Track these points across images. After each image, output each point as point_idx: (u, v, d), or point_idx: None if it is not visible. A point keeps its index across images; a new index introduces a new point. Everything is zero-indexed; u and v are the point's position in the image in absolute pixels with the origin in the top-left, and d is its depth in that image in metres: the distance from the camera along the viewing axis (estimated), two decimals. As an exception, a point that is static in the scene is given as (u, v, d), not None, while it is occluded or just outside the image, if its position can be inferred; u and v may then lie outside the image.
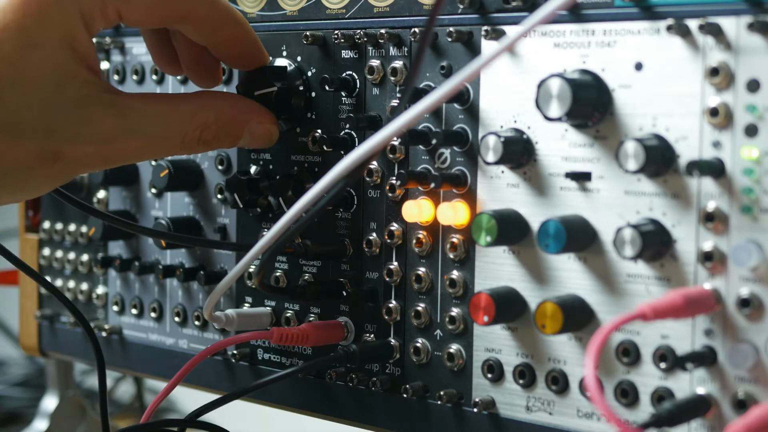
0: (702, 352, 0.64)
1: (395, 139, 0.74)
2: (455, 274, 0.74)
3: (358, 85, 0.78)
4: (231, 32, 0.75)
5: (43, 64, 0.67)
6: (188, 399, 1.37)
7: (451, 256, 0.74)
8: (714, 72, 0.63)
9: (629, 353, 0.67)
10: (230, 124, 0.76)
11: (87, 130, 0.68)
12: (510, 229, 0.70)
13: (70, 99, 0.68)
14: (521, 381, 0.71)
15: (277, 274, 0.83)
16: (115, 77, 0.93)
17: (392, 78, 0.76)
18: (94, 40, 0.94)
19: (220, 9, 0.74)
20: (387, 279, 0.77)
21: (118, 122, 0.70)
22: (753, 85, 0.62)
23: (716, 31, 0.63)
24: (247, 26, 0.76)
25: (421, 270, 0.75)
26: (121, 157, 0.72)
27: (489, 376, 0.72)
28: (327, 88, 0.78)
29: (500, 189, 0.72)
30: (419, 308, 0.75)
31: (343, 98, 0.79)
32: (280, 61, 0.82)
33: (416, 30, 0.74)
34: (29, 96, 0.66)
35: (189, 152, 0.76)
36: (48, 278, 0.98)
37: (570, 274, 0.69)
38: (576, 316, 0.68)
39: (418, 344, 0.75)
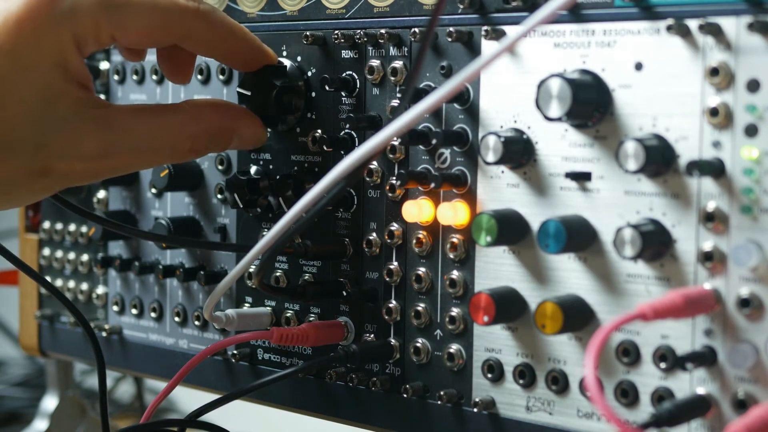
0: (702, 352, 0.64)
1: (395, 139, 0.73)
2: (455, 274, 0.74)
3: (358, 85, 0.78)
4: (231, 46, 0.76)
5: (35, 84, 0.67)
6: (188, 399, 1.37)
7: (451, 256, 0.74)
8: (714, 72, 0.63)
9: (629, 353, 0.67)
10: (219, 133, 0.76)
11: (76, 147, 0.69)
12: (510, 229, 0.70)
13: (60, 117, 0.68)
14: (521, 381, 0.71)
15: (277, 274, 0.83)
16: (116, 77, 0.93)
17: (392, 78, 0.76)
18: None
19: (218, 27, 0.74)
20: (387, 279, 0.77)
21: (107, 139, 0.70)
22: (753, 85, 0.62)
23: (716, 31, 0.63)
24: (247, 37, 0.76)
25: (421, 270, 0.75)
26: (110, 172, 0.73)
27: (489, 376, 0.72)
28: (327, 88, 0.78)
29: (500, 189, 0.72)
30: (419, 308, 0.75)
31: (343, 98, 0.79)
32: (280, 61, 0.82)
33: (416, 30, 0.74)
34: (20, 115, 0.67)
35: (179, 162, 0.76)
36: (48, 278, 0.98)
37: (570, 274, 0.69)
38: (576, 316, 0.68)
39: (418, 344, 0.75)
